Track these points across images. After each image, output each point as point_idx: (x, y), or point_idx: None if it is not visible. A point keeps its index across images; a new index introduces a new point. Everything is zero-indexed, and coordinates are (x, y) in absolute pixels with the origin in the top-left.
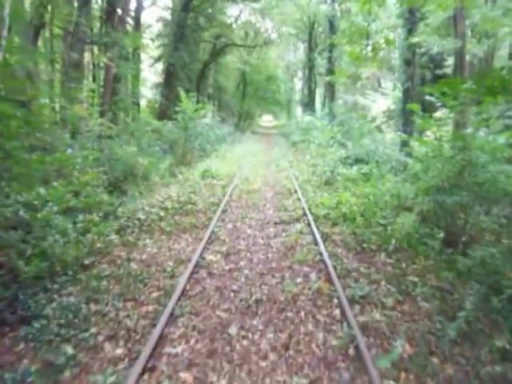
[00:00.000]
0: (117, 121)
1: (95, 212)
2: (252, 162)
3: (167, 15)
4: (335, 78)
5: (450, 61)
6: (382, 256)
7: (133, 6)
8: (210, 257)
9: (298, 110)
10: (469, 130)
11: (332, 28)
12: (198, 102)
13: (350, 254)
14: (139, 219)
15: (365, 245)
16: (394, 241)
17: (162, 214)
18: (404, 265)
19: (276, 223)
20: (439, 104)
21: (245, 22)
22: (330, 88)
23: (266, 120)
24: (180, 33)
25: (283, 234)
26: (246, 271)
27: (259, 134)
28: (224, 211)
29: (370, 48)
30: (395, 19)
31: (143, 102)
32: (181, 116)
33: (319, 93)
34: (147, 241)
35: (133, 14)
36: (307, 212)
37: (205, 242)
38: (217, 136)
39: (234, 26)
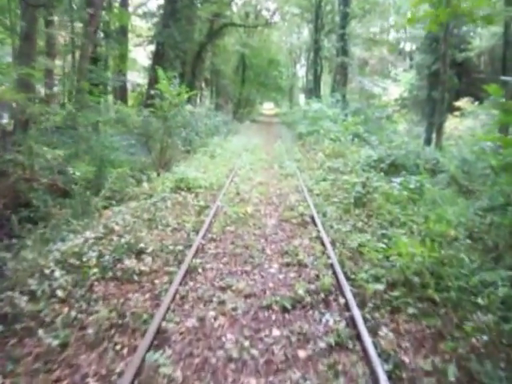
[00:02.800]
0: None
1: None
2: (248, 161)
3: None
4: (410, 23)
5: (475, 43)
6: None
7: None
8: None
9: (301, 98)
10: None
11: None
12: (190, 86)
13: None
14: None
15: None
16: None
17: (62, 293)
18: None
19: (285, 310)
20: None
21: (245, 1)
22: (343, 71)
23: (267, 108)
24: (170, 8)
25: (301, 354)
26: None
27: (259, 122)
28: (190, 272)
29: None
30: None
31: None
32: (158, 102)
33: (324, 79)
34: None
35: None
36: (340, 274)
37: None
38: (207, 127)
39: (234, 4)
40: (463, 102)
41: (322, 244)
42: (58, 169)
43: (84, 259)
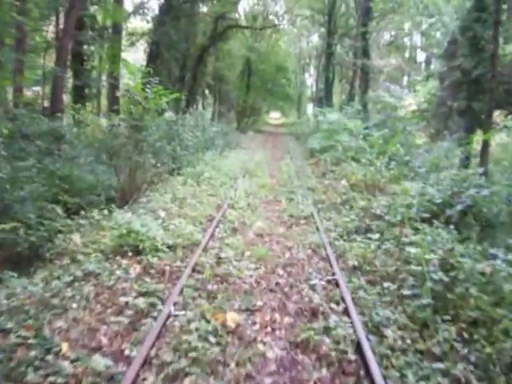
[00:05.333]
0: None
1: None
2: (245, 190)
3: None
4: None
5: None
6: None
7: None
8: None
9: (309, 108)
10: None
11: None
12: (190, 92)
13: None
14: None
15: None
16: None
17: None
18: None
19: None
20: None
21: (253, 3)
22: (364, 75)
23: (274, 117)
24: (166, 4)
25: None
26: None
27: (265, 133)
28: None
29: None
30: None
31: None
32: (127, 106)
33: (333, 89)
34: None
35: None
36: None
37: None
38: (198, 139)
39: (241, 8)
40: (494, 115)
41: None
42: None
43: None
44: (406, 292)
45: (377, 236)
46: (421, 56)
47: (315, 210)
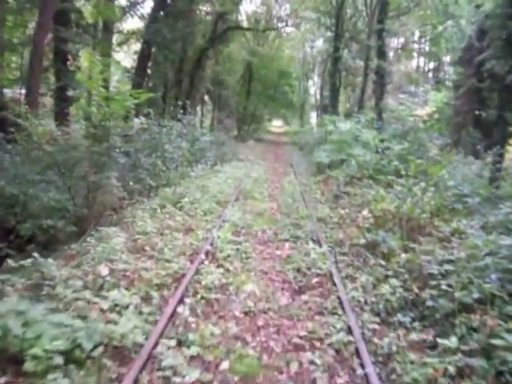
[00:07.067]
0: None
1: None
2: (235, 227)
3: None
4: None
5: None
6: None
7: None
8: None
9: (313, 116)
10: None
11: None
12: (187, 98)
13: None
14: None
15: None
16: None
17: None
18: None
19: None
20: None
21: (255, 7)
22: (379, 79)
23: (276, 125)
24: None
25: None
26: None
27: (266, 142)
28: None
29: None
30: None
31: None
32: (84, 110)
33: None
34: None
35: None
36: None
37: None
38: (184, 151)
39: (243, 10)
40: None
41: None
42: None
43: None
44: None
45: (454, 343)
46: (429, 64)
47: (332, 259)
